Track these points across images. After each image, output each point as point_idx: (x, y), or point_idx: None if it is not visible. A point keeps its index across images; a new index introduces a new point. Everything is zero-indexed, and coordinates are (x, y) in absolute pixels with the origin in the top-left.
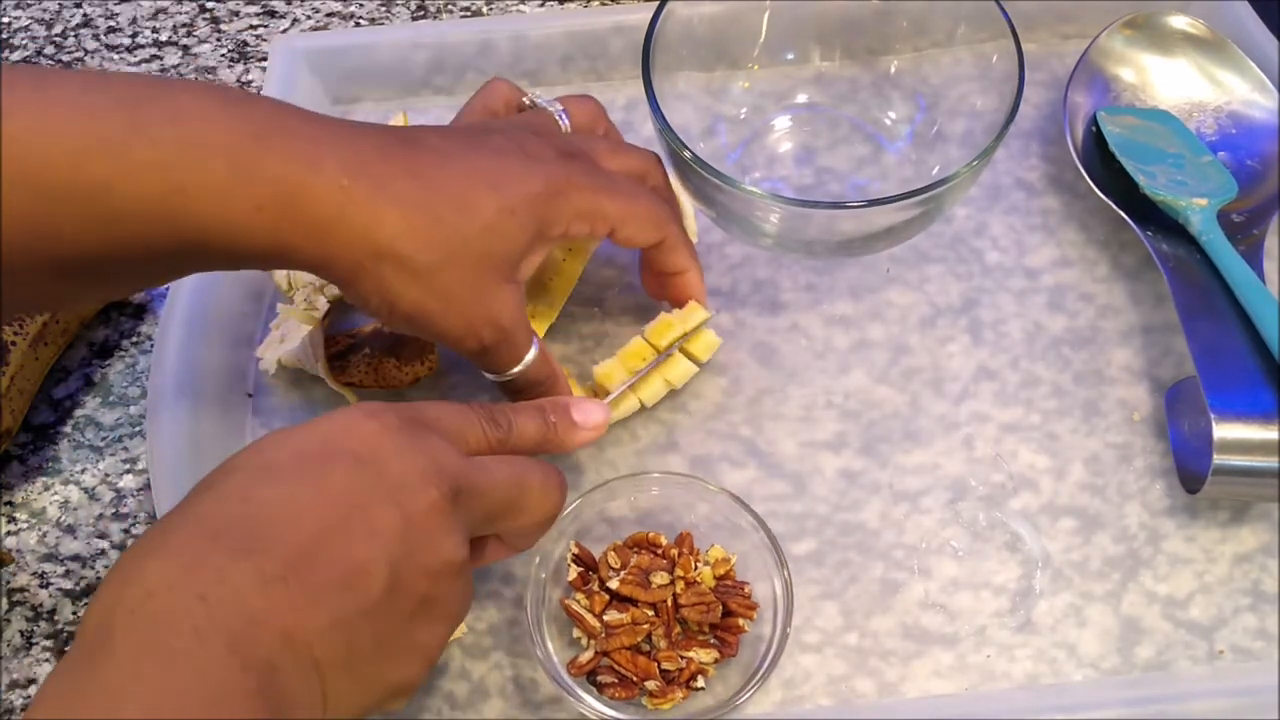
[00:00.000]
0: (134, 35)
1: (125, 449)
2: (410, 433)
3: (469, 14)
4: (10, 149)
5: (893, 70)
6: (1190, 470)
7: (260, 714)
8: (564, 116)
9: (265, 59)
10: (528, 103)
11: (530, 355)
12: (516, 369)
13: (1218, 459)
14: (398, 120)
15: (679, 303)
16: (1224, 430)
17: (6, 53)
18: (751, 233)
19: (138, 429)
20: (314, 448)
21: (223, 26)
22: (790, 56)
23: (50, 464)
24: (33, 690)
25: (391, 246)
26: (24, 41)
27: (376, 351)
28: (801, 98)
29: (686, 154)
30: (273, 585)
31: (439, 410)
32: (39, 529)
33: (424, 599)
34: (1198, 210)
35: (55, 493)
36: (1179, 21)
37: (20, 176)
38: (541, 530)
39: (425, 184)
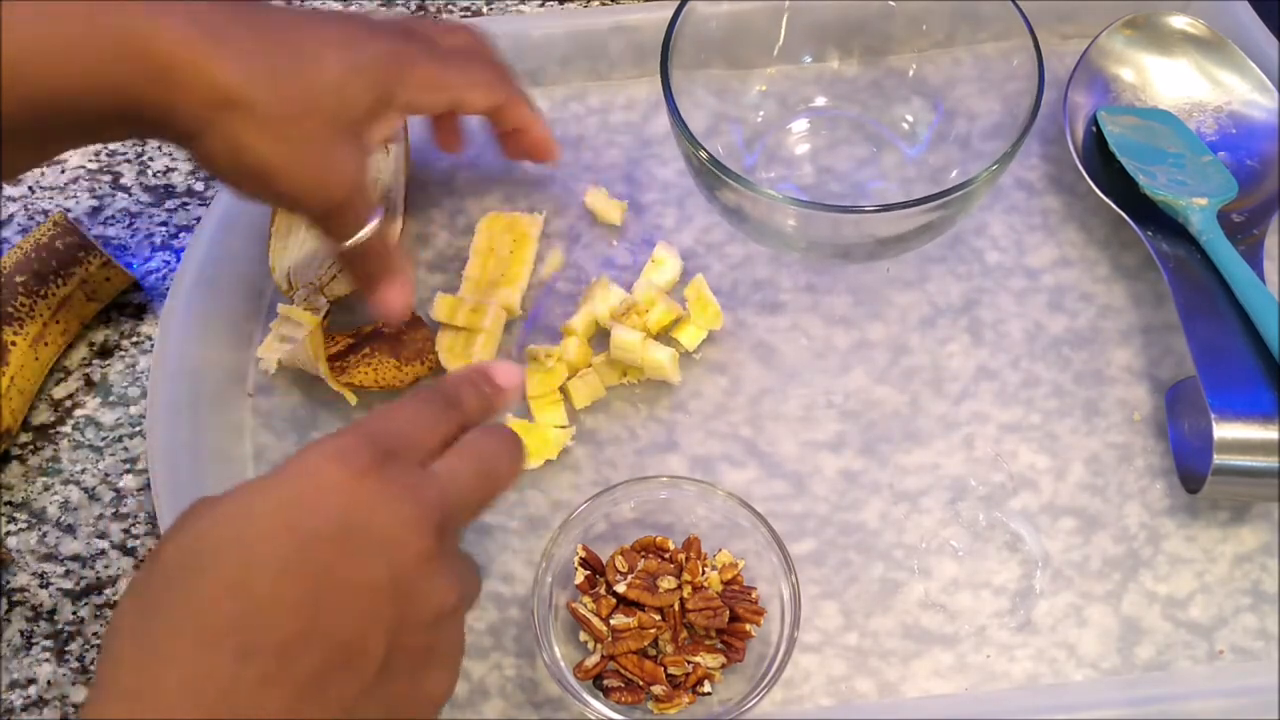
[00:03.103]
0: None
1: (125, 449)
2: (384, 473)
3: (469, 14)
4: None
5: (910, 73)
6: (1190, 470)
7: None
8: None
9: None
10: None
11: (374, 220)
12: (362, 233)
13: (1218, 459)
14: None
15: (534, 154)
16: (1224, 430)
17: None
18: (767, 235)
19: (138, 429)
20: (293, 515)
21: None
22: (808, 59)
23: (50, 464)
24: (33, 690)
25: (240, 93)
26: None
27: (376, 352)
28: (819, 101)
29: (703, 155)
30: (277, 688)
31: (401, 421)
32: (39, 529)
33: (424, 650)
34: (1198, 210)
35: (55, 493)
36: (1179, 21)
37: None
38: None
39: (275, 40)
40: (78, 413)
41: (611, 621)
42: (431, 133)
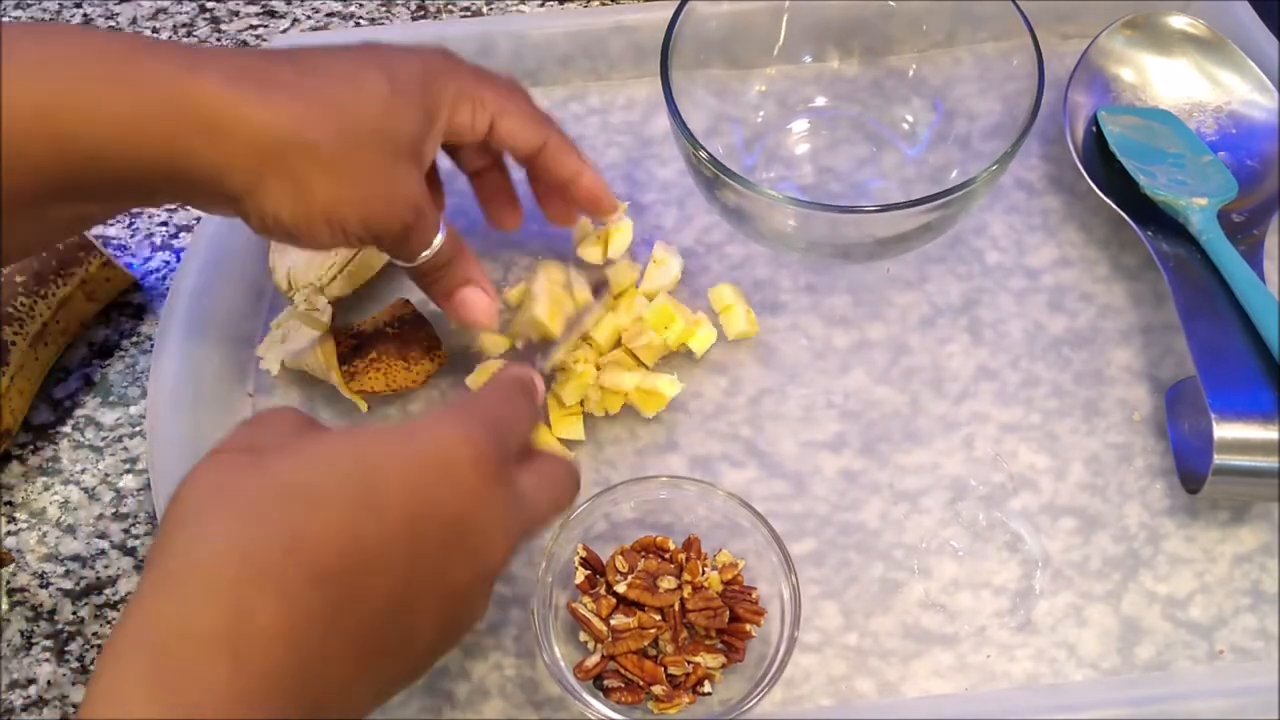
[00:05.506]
0: None
1: (125, 449)
2: (503, 485)
3: (469, 14)
4: None
5: (910, 73)
6: (1190, 470)
7: None
8: None
9: None
10: None
11: (440, 236)
12: (429, 251)
13: (1218, 459)
14: None
15: (588, 205)
16: (1224, 430)
17: None
18: (767, 235)
19: (138, 429)
20: (419, 499)
21: (223, 26)
22: (808, 59)
23: (50, 464)
24: (33, 690)
25: (295, 134)
26: None
27: (383, 355)
28: (819, 101)
29: (703, 155)
30: (333, 640)
31: (512, 416)
32: (39, 529)
33: (447, 628)
34: (1198, 210)
35: (55, 493)
36: (1179, 21)
37: None
38: None
39: (315, 74)
40: (78, 413)
41: (611, 621)
42: (483, 208)
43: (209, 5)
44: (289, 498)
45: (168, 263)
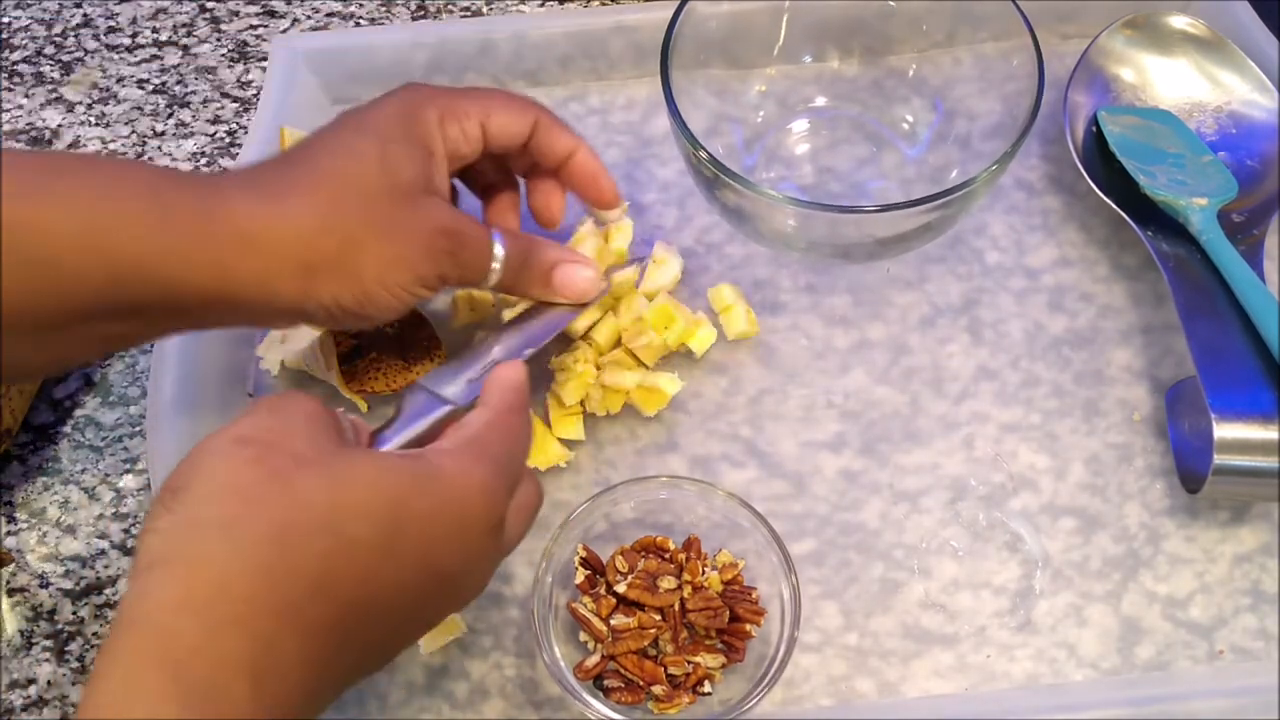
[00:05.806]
0: (134, 35)
1: (125, 449)
2: (500, 536)
3: (469, 14)
4: None
5: (910, 73)
6: (1190, 470)
7: None
8: None
9: (265, 59)
10: None
11: (500, 247)
12: (497, 264)
13: (1218, 459)
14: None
15: (584, 190)
16: (1224, 430)
17: (6, 53)
18: (767, 235)
19: (138, 429)
20: (433, 541)
21: (223, 26)
22: (808, 59)
23: (50, 464)
24: (33, 690)
25: (326, 227)
26: (24, 41)
27: (383, 355)
28: (819, 101)
29: (703, 154)
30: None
31: (523, 460)
32: (39, 529)
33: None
34: (1198, 210)
35: (55, 493)
36: (1179, 21)
37: None
38: None
39: (315, 164)
40: (78, 413)
41: (611, 621)
42: (488, 219)
43: (209, 5)
44: (318, 531)
45: None
